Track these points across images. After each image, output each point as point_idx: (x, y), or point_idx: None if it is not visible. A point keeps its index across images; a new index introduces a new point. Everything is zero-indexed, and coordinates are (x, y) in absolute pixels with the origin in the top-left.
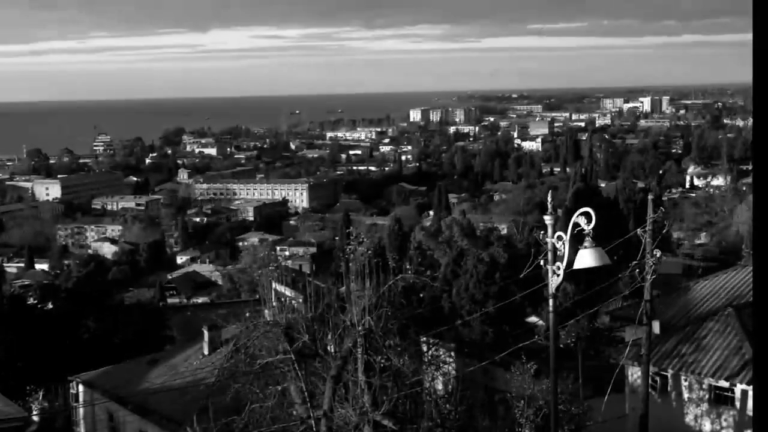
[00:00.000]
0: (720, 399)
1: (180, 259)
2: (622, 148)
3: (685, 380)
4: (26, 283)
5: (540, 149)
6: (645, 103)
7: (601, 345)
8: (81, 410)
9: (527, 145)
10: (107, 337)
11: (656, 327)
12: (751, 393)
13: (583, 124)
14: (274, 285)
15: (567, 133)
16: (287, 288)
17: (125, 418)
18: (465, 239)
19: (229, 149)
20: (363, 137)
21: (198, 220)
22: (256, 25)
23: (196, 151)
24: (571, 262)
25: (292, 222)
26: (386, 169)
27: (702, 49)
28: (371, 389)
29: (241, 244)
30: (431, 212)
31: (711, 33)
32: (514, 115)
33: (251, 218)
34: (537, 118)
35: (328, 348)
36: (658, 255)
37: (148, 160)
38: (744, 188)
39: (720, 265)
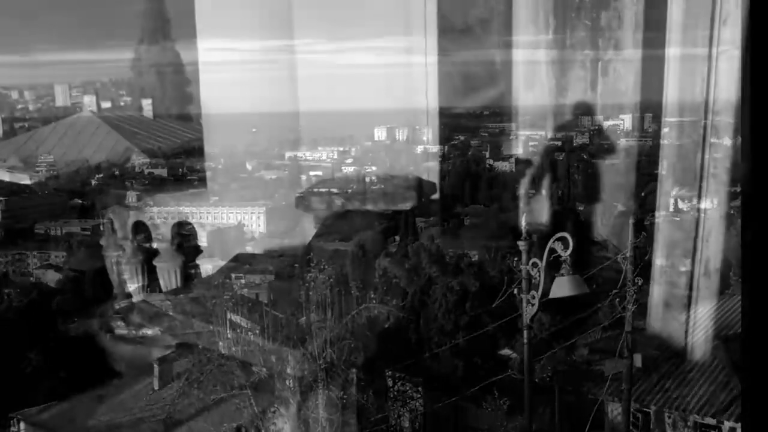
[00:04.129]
0: None
1: (129, 288)
2: (601, 168)
3: (669, 417)
4: None
5: (514, 170)
6: (626, 121)
7: (579, 379)
8: None
9: (500, 165)
10: (51, 371)
11: (638, 360)
12: (739, 430)
13: (560, 143)
14: (228, 315)
15: (543, 152)
16: (243, 318)
17: None
18: (433, 266)
19: (180, 170)
20: (324, 157)
21: (148, 246)
22: (209, 37)
23: (146, 171)
24: (547, 291)
25: (248, 248)
26: (349, 191)
27: (687, 63)
28: (333, 426)
29: (193, 271)
30: (397, 237)
31: (697, 45)
32: (486, 134)
33: (204, 244)
34: (511, 137)
35: (287, 382)
36: (639, 283)
37: (94, 182)
38: (732, 212)
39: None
